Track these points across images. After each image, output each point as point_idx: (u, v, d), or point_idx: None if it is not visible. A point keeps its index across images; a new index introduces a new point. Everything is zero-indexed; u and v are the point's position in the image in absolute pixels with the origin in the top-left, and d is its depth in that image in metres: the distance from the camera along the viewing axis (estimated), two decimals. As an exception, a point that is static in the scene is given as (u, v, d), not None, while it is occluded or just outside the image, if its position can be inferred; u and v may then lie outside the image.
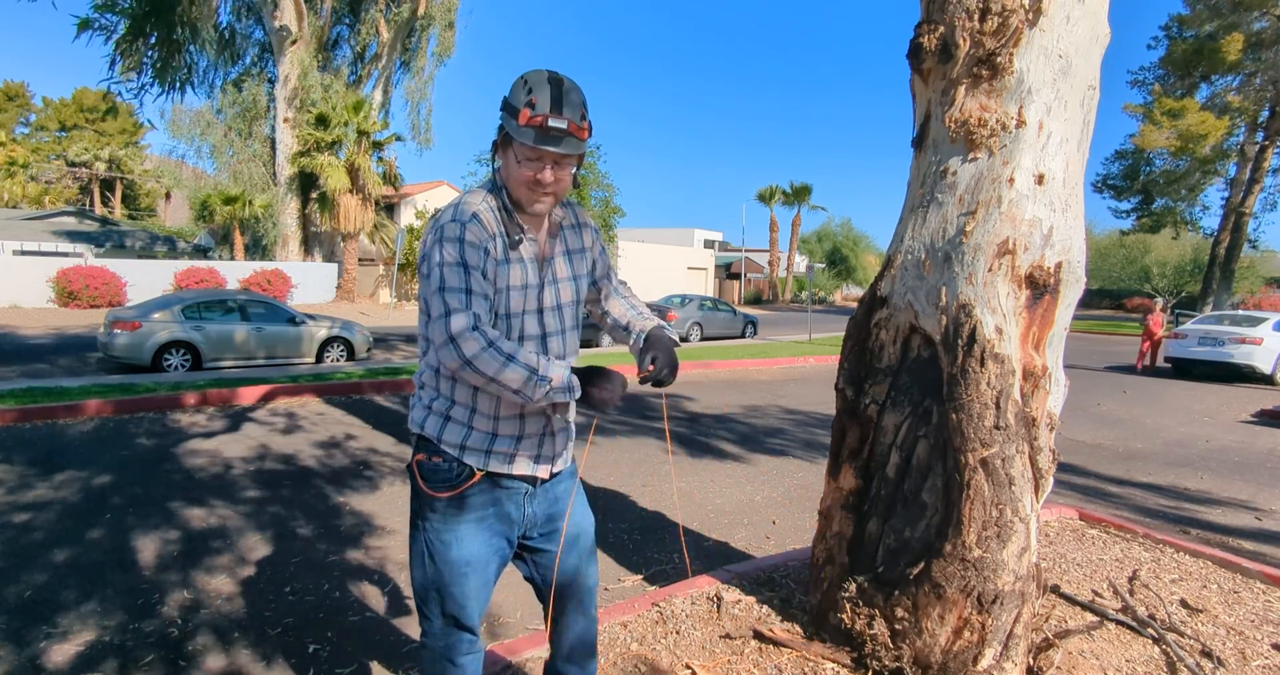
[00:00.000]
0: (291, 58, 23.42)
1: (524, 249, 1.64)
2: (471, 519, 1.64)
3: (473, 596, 1.66)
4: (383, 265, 25.41)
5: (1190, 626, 2.83)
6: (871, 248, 47.55)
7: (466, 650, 1.71)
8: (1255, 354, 12.39)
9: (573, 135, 1.52)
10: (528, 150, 1.52)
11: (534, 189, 1.57)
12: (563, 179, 1.58)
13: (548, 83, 1.51)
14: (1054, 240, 2.31)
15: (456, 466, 1.62)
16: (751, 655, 2.47)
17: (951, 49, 2.41)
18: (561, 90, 1.51)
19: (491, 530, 1.67)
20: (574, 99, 1.52)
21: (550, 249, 1.72)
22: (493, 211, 1.60)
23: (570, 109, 1.51)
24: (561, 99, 1.50)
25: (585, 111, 1.55)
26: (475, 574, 1.65)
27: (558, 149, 1.51)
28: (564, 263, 1.74)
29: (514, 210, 1.62)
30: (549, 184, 1.56)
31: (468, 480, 1.62)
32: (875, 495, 2.52)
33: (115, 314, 9.53)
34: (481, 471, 1.62)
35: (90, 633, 2.74)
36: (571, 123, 1.50)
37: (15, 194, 34.71)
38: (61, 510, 4.06)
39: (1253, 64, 24.72)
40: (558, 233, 1.74)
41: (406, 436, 6.17)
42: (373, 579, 3.32)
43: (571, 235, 1.78)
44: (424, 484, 1.65)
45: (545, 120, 1.48)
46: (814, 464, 5.83)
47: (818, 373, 12.02)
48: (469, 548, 1.64)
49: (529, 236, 1.64)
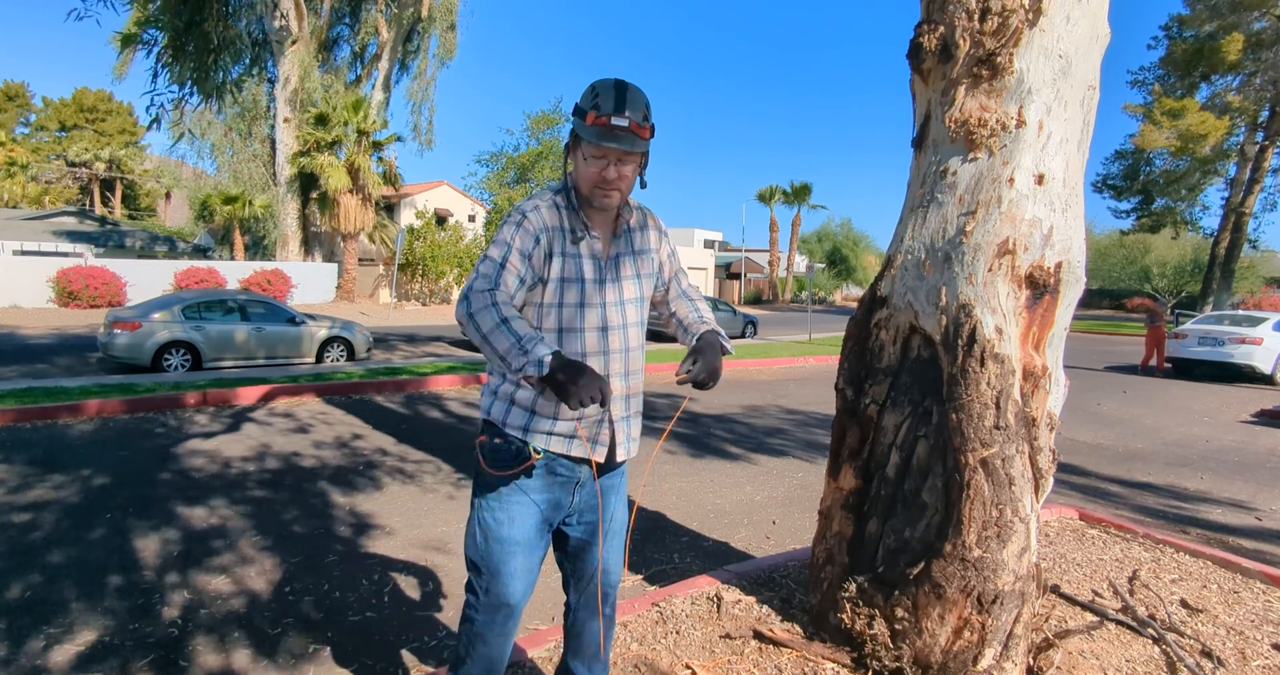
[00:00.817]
0: (291, 58, 23.42)
1: (586, 245, 1.74)
2: (525, 501, 1.74)
3: (518, 576, 1.74)
4: (383, 265, 25.42)
5: (1190, 626, 2.83)
6: (871, 248, 47.55)
7: (500, 630, 1.77)
8: (1255, 354, 12.39)
9: (634, 133, 1.63)
10: (593, 149, 1.64)
11: (600, 185, 1.68)
12: (626, 176, 1.68)
13: (613, 87, 1.64)
14: (1054, 240, 2.31)
15: (517, 447, 1.71)
16: (751, 655, 2.47)
17: (951, 49, 2.41)
18: (625, 93, 1.63)
19: (542, 516, 1.77)
20: (636, 101, 1.64)
21: (615, 248, 1.81)
22: (558, 208, 1.73)
23: (632, 109, 1.62)
24: (624, 100, 1.62)
25: (648, 113, 1.66)
26: (522, 554, 1.74)
27: (620, 146, 1.61)
28: (629, 262, 1.82)
29: (580, 207, 1.74)
30: (614, 180, 1.67)
31: (526, 461, 1.70)
32: (875, 495, 2.52)
33: (115, 314, 9.53)
34: (539, 453, 1.71)
35: (90, 633, 2.74)
36: (633, 121, 1.61)
37: (15, 194, 34.72)
38: (62, 510, 4.06)
39: (1253, 64, 24.72)
40: (623, 233, 1.83)
41: (407, 436, 6.20)
42: (373, 579, 3.32)
43: (638, 236, 1.86)
44: (485, 464, 1.74)
45: (609, 119, 1.60)
46: (814, 464, 5.83)
47: (818, 373, 12.02)
48: (519, 528, 1.74)
49: (593, 234, 1.75)
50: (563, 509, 1.80)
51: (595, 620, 1.90)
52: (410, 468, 5.26)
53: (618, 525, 1.90)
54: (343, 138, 22.15)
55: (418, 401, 8.00)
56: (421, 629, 2.87)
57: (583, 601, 1.91)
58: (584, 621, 1.92)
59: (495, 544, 1.73)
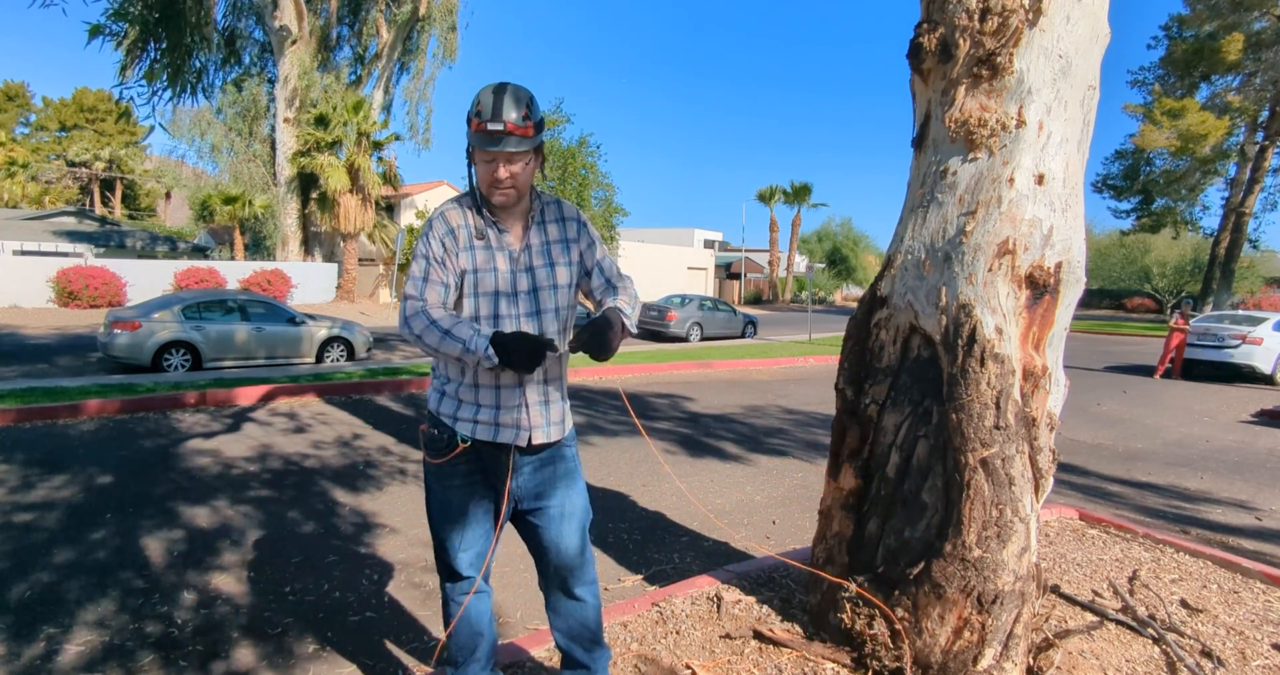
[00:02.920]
0: (291, 58, 23.41)
1: (495, 239, 1.87)
2: (459, 483, 1.92)
3: (460, 548, 1.94)
4: (383, 265, 25.42)
5: (1190, 626, 2.83)
6: (871, 248, 47.53)
7: (461, 593, 1.99)
8: (1255, 354, 12.40)
9: (512, 134, 1.71)
10: (480, 153, 1.77)
11: (494, 186, 1.80)
12: (518, 173, 1.79)
13: (491, 93, 1.73)
14: (1054, 240, 2.31)
15: (447, 436, 1.89)
16: (751, 655, 2.48)
17: (951, 49, 2.41)
18: (501, 96, 1.71)
19: (478, 494, 1.93)
20: (512, 101, 1.71)
21: (527, 239, 1.91)
22: (462, 208, 1.88)
23: (510, 111, 1.70)
24: (500, 104, 1.70)
25: (529, 112, 1.74)
26: (462, 530, 1.94)
27: (499, 148, 1.72)
28: (541, 252, 1.92)
29: (484, 206, 1.87)
30: (505, 179, 1.78)
31: (454, 449, 1.88)
32: (875, 495, 2.52)
33: (115, 314, 9.53)
34: (466, 442, 1.87)
35: (91, 633, 2.74)
36: (509, 123, 1.70)
37: (15, 194, 34.70)
38: (62, 510, 4.06)
39: (1253, 64, 24.73)
40: (535, 225, 1.93)
41: (407, 436, 6.20)
42: (373, 579, 3.32)
43: (553, 228, 1.96)
44: (425, 451, 1.96)
45: (486, 125, 1.70)
46: (814, 464, 5.83)
47: (818, 373, 12.02)
48: (456, 507, 1.93)
49: (500, 228, 1.88)
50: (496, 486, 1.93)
51: (562, 599, 2.03)
52: (411, 467, 5.26)
53: (569, 508, 1.97)
54: (343, 138, 22.14)
55: (418, 401, 8.00)
56: (422, 629, 2.87)
57: (546, 580, 2.06)
58: (553, 600, 2.05)
59: (439, 522, 1.96)
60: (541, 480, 1.95)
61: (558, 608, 2.05)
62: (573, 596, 2.02)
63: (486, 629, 2.04)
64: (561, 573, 1.99)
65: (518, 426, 1.88)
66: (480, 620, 2.02)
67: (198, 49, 6.17)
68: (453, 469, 1.91)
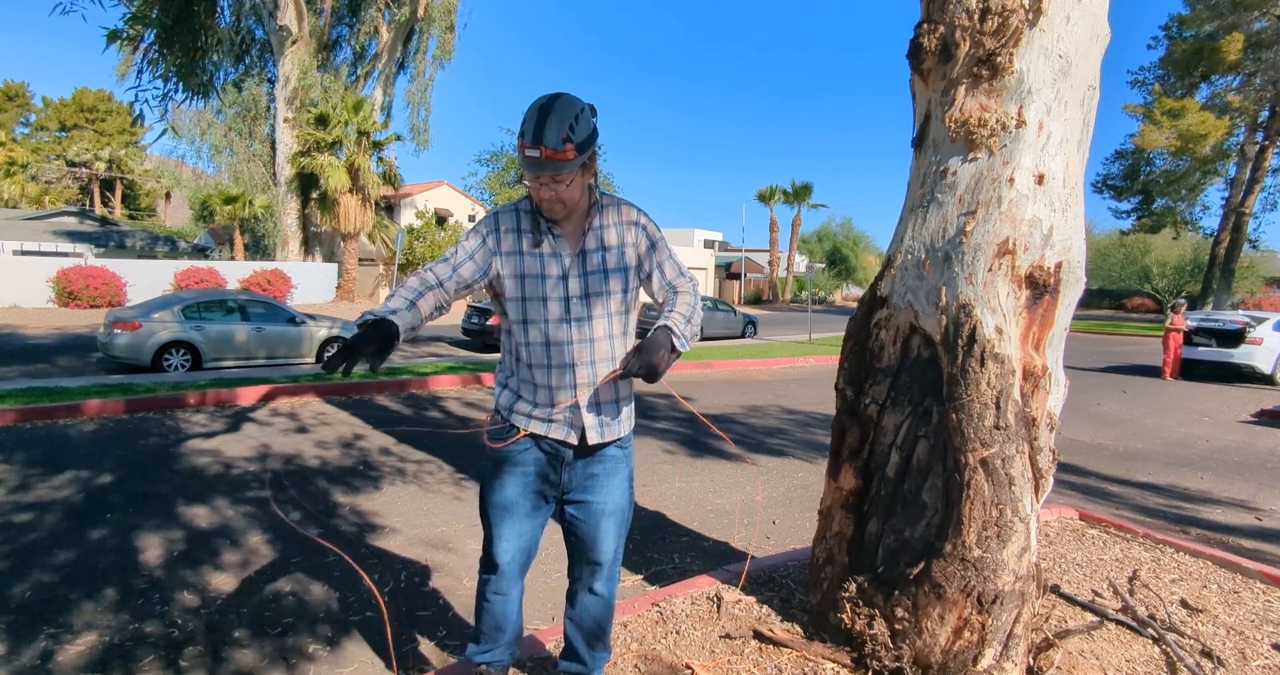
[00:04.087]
0: (291, 58, 23.43)
1: (548, 244, 1.89)
2: (515, 471, 1.98)
3: (505, 538, 2.00)
4: (383, 265, 25.43)
5: (1190, 626, 2.83)
6: (871, 248, 47.53)
7: (492, 590, 2.06)
8: (1255, 354, 12.40)
9: (552, 160, 1.68)
10: (526, 174, 1.77)
11: (540, 204, 1.83)
12: (563, 193, 1.78)
13: (536, 111, 1.69)
14: (1054, 240, 2.31)
15: (507, 426, 1.97)
16: (751, 655, 2.48)
17: (951, 49, 2.41)
18: (542, 120, 1.67)
19: (530, 486, 1.98)
20: (552, 124, 1.67)
21: (582, 244, 1.91)
22: (518, 212, 1.92)
23: (549, 136, 1.66)
24: (538, 128, 1.67)
25: (570, 132, 1.67)
26: (510, 518, 1.99)
27: (539, 172, 1.72)
28: (596, 257, 1.92)
29: (539, 213, 1.88)
30: (549, 200, 1.80)
31: (513, 436, 1.95)
32: (875, 495, 2.52)
33: (115, 314, 9.53)
34: (524, 431, 1.94)
35: (91, 633, 2.75)
36: (545, 149, 1.67)
37: (15, 194, 34.69)
38: (62, 510, 4.06)
39: (1253, 64, 24.73)
40: (592, 230, 1.93)
41: (407, 436, 6.20)
42: (373, 579, 3.32)
43: (611, 232, 1.95)
44: (486, 437, 2.02)
45: (524, 150, 1.70)
46: (814, 464, 5.83)
47: (818, 373, 12.02)
48: (508, 494, 1.98)
49: (554, 234, 1.90)
50: (552, 484, 2.00)
51: (585, 593, 2.07)
52: (411, 467, 5.26)
53: (610, 507, 2.01)
54: (343, 138, 22.15)
55: (418, 401, 8.01)
56: (422, 629, 2.87)
57: (573, 572, 2.10)
58: (575, 592, 2.09)
59: (489, 507, 2.01)
60: (588, 475, 2.00)
61: (577, 600, 2.09)
62: (593, 592, 2.06)
63: (509, 626, 2.13)
64: (590, 568, 2.04)
65: (569, 425, 1.94)
66: (504, 618, 2.11)
67: (210, 51, 6.23)
68: (509, 456, 1.98)
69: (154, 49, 5.84)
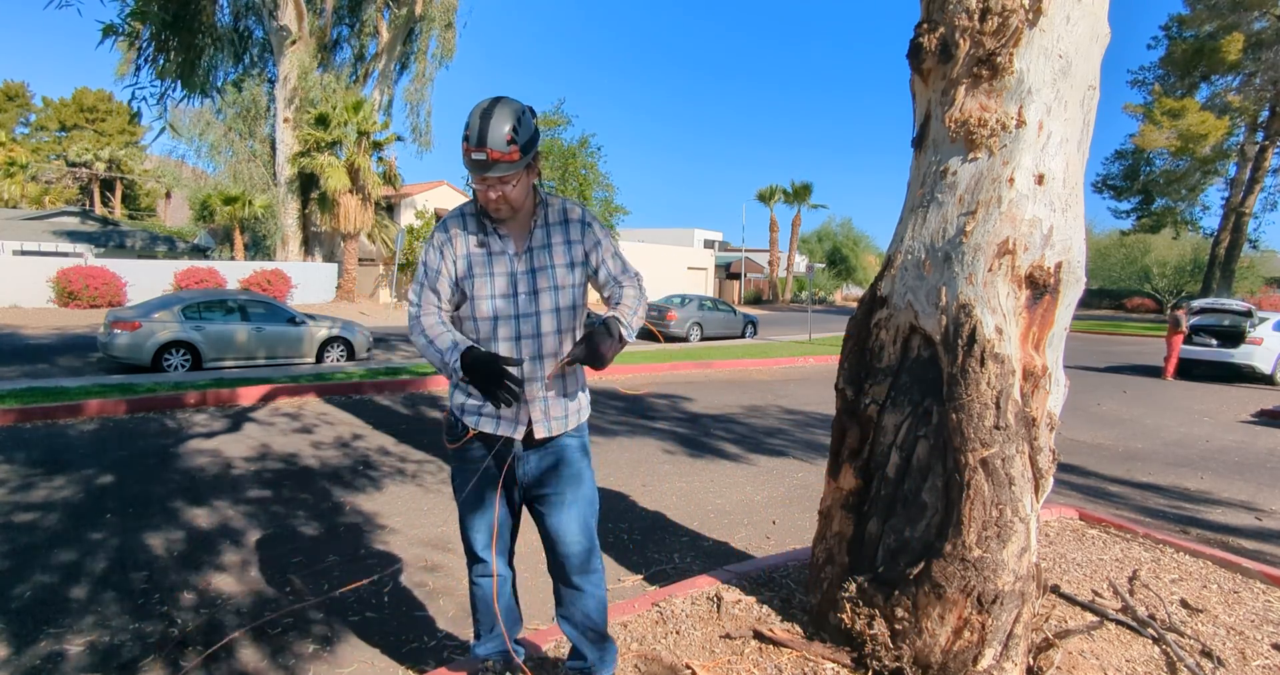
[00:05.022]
0: (291, 58, 23.41)
1: (496, 243, 1.94)
2: (470, 469, 2.04)
3: (476, 529, 2.09)
4: (383, 265, 25.41)
5: (1190, 626, 2.83)
6: (871, 248, 47.53)
7: (479, 575, 2.16)
8: (1255, 354, 12.40)
9: (498, 162, 1.74)
10: (471, 176, 1.81)
11: (486, 205, 1.88)
12: (509, 193, 1.83)
13: (478, 116, 1.73)
14: (1054, 240, 2.31)
15: (459, 425, 2.03)
16: (751, 655, 2.48)
17: (951, 49, 2.41)
18: (485, 122, 1.71)
19: (488, 479, 2.03)
20: (498, 125, 1.71)
21: (529, 242, 1.96)
22: (464, 217, 1.96)
23: (494, 138, 1.71)
24: (484, 130, 1.71)
25: (514, 133, 1.73)
26: (475, 511, 2.07)
27: (484, 174, 1.76)
28: (544, 254, 1.97)
29: (484, 214, 1.93)
30: (495, 200, 1.84)
31: (463, 436, 2.02)
32: (875, 495, 2.52)
33: (115, 314, 9.53)
34: (474, 430, 2.00)
35: (91, 633, 2.75)
36: (492, 152, 1.72)
37: (15, 194, 34.69)
38: (63, 510, 4.06)
39: (1253, 64, 24.74)
40: (539, 228, 1.98)
41: (407, 436, 6.20)
42: (373, 579, 3.32)
43: (556, 229, 2.00)
44: (445, 437, 2.11)
45: (470, 152, 1.74)
46: (814, 464, 5.83)
47: (818, 373, 12.02)
48: (469, 488, 2.05)
49: (501, 233, 1.94)
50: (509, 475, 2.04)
51: (564, 587, 2.10)
52: (411, 467, 5.26)
53: (569, 497, 2.04)
54: (343, 138, 22.13)
55: (418, 401, 8.01)
56: (422, 629, 2.87)
57: (550, 568, 2.13)
58: (557, 588, 2.13)
59: (459, 503, 2.10)
60: (544, 469, 2.04)
61: (560, 596, 2.12)
62: (570, 585, 2.08)
63: (502, 612, 2.17)
64: (561, 560, 2.06)
65: (516, 420, 1.98)
66: (492, 603, 2.16)
67: (208, 49, 6.23)
68: (466, 454, 2.05)
69: (152, 46, 5.83)
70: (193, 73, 6.10)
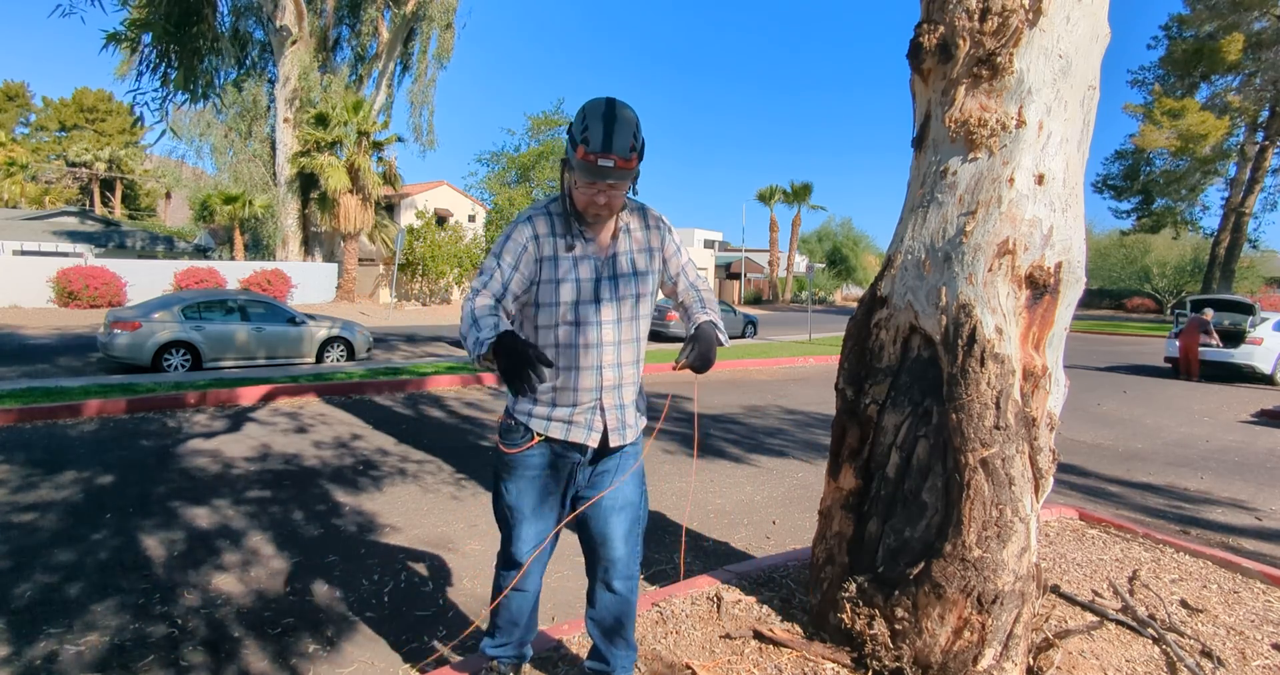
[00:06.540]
0: (291, 58, 23.42)
1: (581, 247, 1.90)
2: (528, 475, 1.99)
3: (524, 539, 2.03)
4: (383, 265, 25.41)
5: (1190, 626, 2.83)
6: (871, 248, 47.54)
7: (513, 587, 2.09)
8: (1255, 354, 12.40)
9: (621, 169, 1.72)
10: (584, 179, 1.75)
11: (590, 208, 1.82)
12: (615, 198, 1.81)
13: (601, 119, 1.69)
14: (1054, 240, 2.31)
15: (522, 431, 1.96)
16: (751, 655, 2.48)
17: (951, 49, 2.41)
18: (612, 128, 1.68)
19: (545, 488, 2.00)
20: (623, 132, 1.69)
21: (613, 248, 1.94)
22: (550, 216, 1.90)
23: (618, 145, 1.69)
24: (611, 136, 1.68)
25: (635, 141, 1.72)
26: (526, 521, 2.02)
27: (606, 180, 1.73)
28: (626, 260, 1.95)
29: (574, 216, 1.88)
30: (601, 205, 1.81)
31: (527, 442, 1.95)
32: (875, 495, 2.52)
33: (115, 314, 9.53)
34: (540, 436, 1.94)
35: (91, 633, 2.74)
36: (618, 159, 1.70)
37: (15, 194, 34.70)
38: (63, 511, 4.06)
39: (1253, 64, 24.75)
40: (621, 233, 1.95)
41: (407, 436, 6.20)
42: (373, 579, 3.32)
43: (638, 235, 1.98)
44: (500, 441, 2.02)
45: (596, 159, 1.69)
46: (814, 464, 5.83)
47: (818, 373, 12.02)
48: (526, 499, 2.00)
49: (587, 237, 1.90)
50: (565, 484, 2.01)
51: (603, 591, 2.08)
52: (411, 467, 5.26)
53: (620, 503, 2.02)
54: (343, 138, 22.14)
55: (418, 401, 8.01)
56: (422, 629, 2.87)
57: (590, 570, 2.11)
58: (594, 590, 2.11)
59: (505, 509, 2.03)
60: (599, 473, 2.03)
61: (595, 599, 2.11)
62: (611, 589, 2.07)
63: (524, 621, 2.18)
64: (605, 564, 2.05)
65: (590, 427, 1.95)
66: (520, 613, 2.16)
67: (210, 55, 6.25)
68: (524, 461, 1.98)
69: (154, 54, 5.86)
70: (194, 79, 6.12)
